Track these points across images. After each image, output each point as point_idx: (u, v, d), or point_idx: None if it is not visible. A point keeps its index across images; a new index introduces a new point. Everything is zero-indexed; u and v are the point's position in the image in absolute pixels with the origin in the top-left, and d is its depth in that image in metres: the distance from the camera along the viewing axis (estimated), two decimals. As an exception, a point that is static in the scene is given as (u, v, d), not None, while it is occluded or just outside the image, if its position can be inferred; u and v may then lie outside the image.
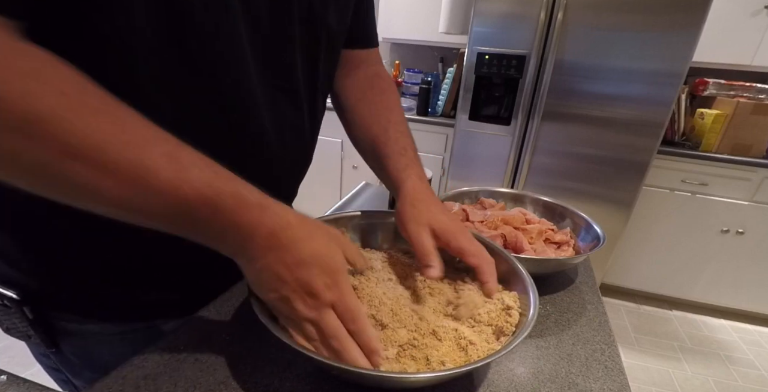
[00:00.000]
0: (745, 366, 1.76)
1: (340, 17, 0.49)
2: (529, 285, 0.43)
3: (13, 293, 0.42)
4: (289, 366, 0.40)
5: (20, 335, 0.46)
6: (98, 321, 0.46)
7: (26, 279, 0.43)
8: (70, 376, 0.51)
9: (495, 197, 0.79)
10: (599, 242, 0.62)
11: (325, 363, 0.33)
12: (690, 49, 1.53)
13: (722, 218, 1.89)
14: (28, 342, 0.47)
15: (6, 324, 0.45)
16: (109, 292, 0.45)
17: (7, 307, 0.43)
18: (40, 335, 0.45)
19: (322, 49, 0.48)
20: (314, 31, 0.46)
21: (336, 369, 0.33)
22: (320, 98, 0.53)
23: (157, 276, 0.46)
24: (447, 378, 0.38)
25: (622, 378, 0.43)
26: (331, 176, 2.46)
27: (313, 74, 0.49)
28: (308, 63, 0.47)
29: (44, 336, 0.45)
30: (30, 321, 0.44)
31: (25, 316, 0.43)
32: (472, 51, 1.78)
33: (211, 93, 0.38)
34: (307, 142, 0.54)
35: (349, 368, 0.32)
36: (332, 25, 0.48)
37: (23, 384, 0.34)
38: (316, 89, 0.51)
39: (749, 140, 1.82)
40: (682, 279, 2.06)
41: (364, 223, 0.56)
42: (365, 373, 0.33)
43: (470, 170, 1.99)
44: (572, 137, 1.78)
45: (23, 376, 0.34)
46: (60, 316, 0.45)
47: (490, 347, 0.39)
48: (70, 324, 0.45)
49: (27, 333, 0.45)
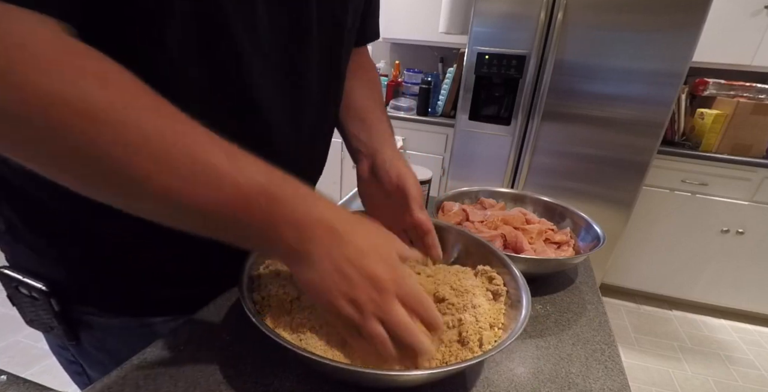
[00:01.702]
0: (745, 366, 1.76)
1: (355, 17, 0.51)
2: (522, 286, 0.44)
3: (42, 285, 0.43)
4: (289, 366, 0.40)
5: (43, 327, 0.47)
6: (119, 314, 0.47)
7: (53, 272, 0.44)
8: (86, 367, 0.51)
9: (495, 197, 0.79)
10: (599, 242, 0.62)
11: (320, 362, 0.33)
12: (690, 49, 1.53)
13: (722, 218, 1.89)
14: (50, 333, 0.48)
15: (30, 315, 0.46)
16: (130, 286, 0.46)
17: (34, 299, 0.44)
18: (63, 326, 0.46)
19: (343, 50, 0.49)
20: (338, 34, 0.47)
21: (329, 367, 0.33)
22: (336, 98, 0.54)
23: (180, 271, 0.47)
24: (441, 375, 0.38)
25: (622, 378, 0.43)
26: (331, 176, 2.46)
27: (330, 74, 0.50)
28: (326, 63, 0.48)
29: (66, 328, 0.46)
30: (55, 312, 0.44)
31: (51, 308, 0.44)
32: (472, 51, 1.78)
33: (231, 98, 0.39)
34: (323, 144, 0.56)
35: (340, 366, 0.33)
36: (350, 25, 0.49)
37: (23, 384, 0.34)
38: (334, 90, 0.52)
39: (749, 140, 1.82)
40: (682, 279, 2.06)
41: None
42: (359, 371, 0.34)
43: (470, 170, 1.99)
44: (572, 137, 1.78)
45: (23, 376, 0.34)
46: (83, 309, 0.46)
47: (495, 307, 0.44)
48: (92, 316, 0.46)
49: (50, 324, 0.46)
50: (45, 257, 0.43)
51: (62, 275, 0.44)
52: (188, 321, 0.45)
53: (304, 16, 0.42)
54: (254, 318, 0.35)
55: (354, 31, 0.52)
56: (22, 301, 0.45)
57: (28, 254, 0.44)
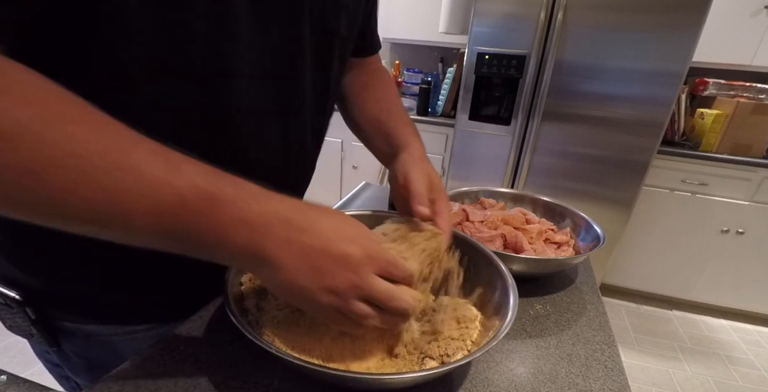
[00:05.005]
0: (745, 366, 1.76)
1: (351, 26, 0.50)
2: (510, 287, 0.43)
3: (15, 293, 0.43)
4: (288, 366, 0.40)
5: (23, 333, 0.46)
6: (99, 322, 0.46)
7: (28, 280, 0.43)
8: (70, 373, 0.51)
9: (495, 197, 0.79)
10: (599, 242, 0.62)
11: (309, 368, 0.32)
12: (690, 49, 1.53)
13: (722, 218, 1.89)
14: (31, 340, 0.47)
15: (9, 322, 0.46)
16: (109, 294, 0.45)
17: (9, 307, 0.43)
18: (42, 334, 0.45)
19: (335, 58, 0.49)
20: (329, 41, 0.47)
21: (316, 372, 0.33)
22: (329, 105, 0.54)
23: (158, 279, 0.46)
24: (428, 377, 0.38)
25: (622, 378, 0.43)
26: (331, 176, 2.46)
27: (323, 83, 0.50)
28: (319, 71, 0.48)
29: (46, 335, 0.46)
30: (32, 320, 0.44)
31: (28, 316, 0.44)
32: (472, 51, 1.78)
33: (207, 108, 0.38)
34: (309, 152, 0.55)
35: (328, 371, 0.33)
36: (344, 33, 0.48)
37: (23, 384, 0.34)
38: (326, 98, 0.52)
39: (749, 140, 1.82)
40: (682, 279, 2.06)
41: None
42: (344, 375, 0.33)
43: (470, 170, 1.99)
44: (572, 137, 1.78)
45: (23, 376, 0.34)
46: (62, 316, 0.45)
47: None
48: (71, 324, 0.46)
49: (29, 331, 0.45)
50: (21, 265, 0.42)
51: (39, 284, 0.43)
52: (188, 321, 0.45)
53: (294, 22, 0.41)
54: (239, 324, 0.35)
55: (350, 42, 0.52)
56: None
57: (2, 262, 0.43)
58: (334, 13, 0.45)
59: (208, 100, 0.38)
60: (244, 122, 0.42)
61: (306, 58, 0.45)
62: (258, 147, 0.45)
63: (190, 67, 0.35)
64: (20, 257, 0.42)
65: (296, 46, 0.43)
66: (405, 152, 0.50)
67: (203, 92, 0.37)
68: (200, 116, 0.39)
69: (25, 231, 0.40)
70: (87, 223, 0.26)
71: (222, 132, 0.41)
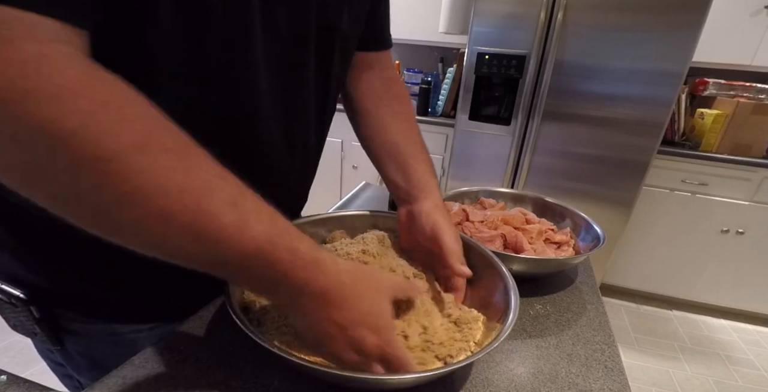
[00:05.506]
0: (745, 366, 1.76)
1: (354, 22, 0.49)
2: (512, 288, 0.44)
3: (20, 292, 0.43)
4: (289, 366, 0.40)
5: (27, 332, 0.46)
6: (103, 321, 0.46)
7: (33, 278, 0.43)
8: (73, 372, 0.51)
9: (495, 197, 0.79)
10: (599, 242, 0.62)
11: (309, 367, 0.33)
12: (690, 49, 1.53)
13: (722, 218, 1.89)
14: (34, 338, 0.48)
15: (13, 321, 0.46)
16: (113, 293, 0.45)
17: (14, 305, 0.43)
18: (46, 333, 0.45)
19: (336, 54, 0.48)
20: (330, 37, 0.46)
21: (318, 372, 0.34)
22: (330, 103, 0.54)
23: (162, 278, 0.46)
24: (429, 378, 0.38)
25: (622, 378, 0.43)
26: (331, 176, 2.46)
27: (325, 81, 0.49)
28: (321, 69, 0.48)
29: (50, 334, 0.46)
30: (36, 319, 0.44)
31: (32, 315, 0.44)
32: (472, 51, 1.78)
33: (220, 105, 0.39)
34: (313, 151, 0.55)
35: (329, 371, 0.34)
36: (346, 29, 0.48)
37: (23, 384, 0.34)
38: (328, 96, 0.51)
39: (749, 140, 1.82)
40: (682, 279, 2.06)
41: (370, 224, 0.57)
42: (347, 376, 0.34)
43: (470, 170, 1.99)
44: (572, 137, 1.78)
45: (23, 376, 0.34)
46: (65, 315, 0.45)
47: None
48: (75, 323, 0.46)
49: (33, 330, 0.45)
50: (26, 263, 0.42)
51: (44, 282, 0.43)
52: (188, 321, 0.45)
53: (303, 21, 0.41)
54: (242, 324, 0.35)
55: (352, 39, 0.51)
56: (3, 307, 0.45)
57: (7, 260, 0.43)
58: (336, 9, 0.45)
59: (229, 102, 0.39)
60: (260, 122, 0.42)
61: (311, 56, 0.45)
62: (267, 147, 0.45)
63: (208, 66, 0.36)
64: (25, 256, 0.42)
65: (303, 43, 0.43)
66: (428, 199, 0.51)
67: (225, 94, 0.38)
68: (223, 118, 0.39)
69: (30, 230, 0.41)
70: (146, 248, 0.28)
71: (243, 134, 0.42)
